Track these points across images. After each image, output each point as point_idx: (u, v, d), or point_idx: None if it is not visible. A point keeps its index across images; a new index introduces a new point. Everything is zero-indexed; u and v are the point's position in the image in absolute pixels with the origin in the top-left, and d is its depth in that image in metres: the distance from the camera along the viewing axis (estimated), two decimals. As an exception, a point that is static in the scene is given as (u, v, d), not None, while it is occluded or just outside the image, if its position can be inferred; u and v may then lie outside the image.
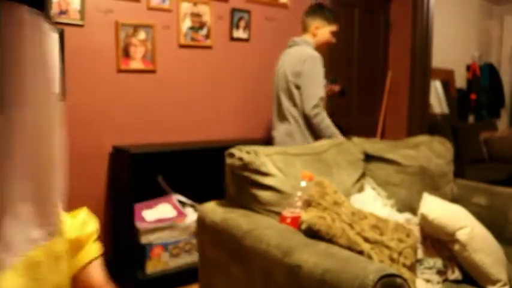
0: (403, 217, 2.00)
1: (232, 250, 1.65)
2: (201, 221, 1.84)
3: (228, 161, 1.78)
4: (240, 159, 1.74)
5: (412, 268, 1.66)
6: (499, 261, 1.79)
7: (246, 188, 1.76)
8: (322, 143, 1.97)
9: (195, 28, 3.02)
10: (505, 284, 1.72)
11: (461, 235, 1.75)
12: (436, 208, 1.82)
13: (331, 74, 3.68)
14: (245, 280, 1.59)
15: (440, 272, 1.78)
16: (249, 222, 1.62)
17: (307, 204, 1.63)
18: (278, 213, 1.71)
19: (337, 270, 1.22)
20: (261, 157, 1.75)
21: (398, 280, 1.18)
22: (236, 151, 1.77)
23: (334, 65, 3.81)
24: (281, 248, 1.40)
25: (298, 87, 2.59)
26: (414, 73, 4.13)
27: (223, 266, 1.71)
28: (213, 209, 1.81)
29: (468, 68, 5.96)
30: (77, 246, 0.86)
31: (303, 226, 1.50)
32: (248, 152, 1.75)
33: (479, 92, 5.95)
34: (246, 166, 1.73)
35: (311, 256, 1.31)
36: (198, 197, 2.84)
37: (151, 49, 2.84)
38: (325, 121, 2.54)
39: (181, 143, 2.97)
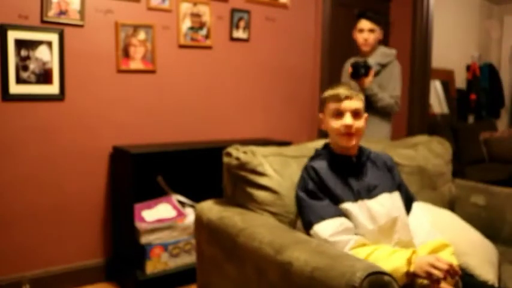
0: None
1: (227, 248, 1.66)
2: (198, 219, 1.85)
3: (225, 160, 1.79)
4: (237, 158, 1.75)
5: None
6: (487, 262, 1.80)
7: (242, 187, 1.77)
8: (320, 144, 1.97)
9: (195, 28, 3.02)
10: (493, 284, 1.73)
11: None
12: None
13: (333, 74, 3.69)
14: (239, 277, 1.60)
15: None
16: (244, 221, 1.63)
17: None
18: (273, 213, 1.72)
19: (326, 268, 1.23)
20: (257, 157, 1.76)
21: (386, 278, 1.18)
22: (233, 151, 1.78)
23: (335, 65, 3.81)
24: (273, 246, 1.41)
25: None
26: (414, 73, 4.13)
27: (219, 263, 1.72)
28: (209, 207, 1.82)
29: (468, 68, 5.96)
30: None
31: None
32: (245, 152, 1.76)
33: (479, 92, 5.95)
34: (242, 166, 1.74)
35: (302, 253, 1.32)
36: (197, 197, 2.85)
37: (151, 49, 2.84)
38: None
39: (181, 143, 2.97)
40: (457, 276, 1.41)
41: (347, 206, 1.59)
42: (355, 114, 1.63)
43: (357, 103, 1.64)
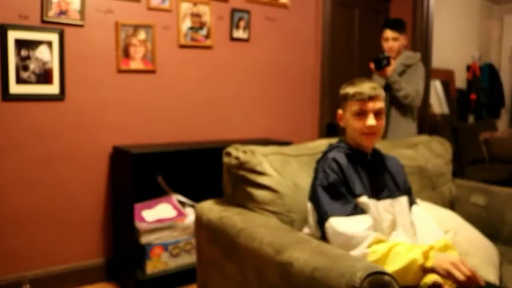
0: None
1: (227, 248, 1.66)
2: (198, 219, 1.85)
3: (225, 159, 1.79)
4: (237, 158, 1.75)
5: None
6: (487, 262, 1.80)
7: (242, 186, 1.77)
8: (320, 143, 1.97)
9: (195, 28, 3.02)
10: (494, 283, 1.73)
11: None
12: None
13: (333, 73, 3.69)
14: (239, 277, 1.59)
15: None
16: (244, 221, 1.63)
17: None
18: (273, 212, 1.71)
19: (326, 268, 1.23)
20: (257, 156, 1.76)
21: (386, 278, 1.17)
22: (233, 150, 1.78)
23: (335, 65, 3.81)
24: (273, 246, 1.41)
25: None
26: (414, 73, 4.13)
27: (219, 263, 1.72)
28: (209, 207, 1.82)
29: (468, 68, 5.96)
30: None
31: None
32: (245, 152, 1.76)
33: (479, 92, 5.95)
34: (242, 165, 1.74)
35: (302, 254, 1.32)
36: (198, 197, 2.85)
37: (151, 49, 2.84)
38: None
39: (181, 143, 2.97)
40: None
41: (364, 199, 1.57)
42: (377, 113, 1.63)
43: (380, 103, 1.64)
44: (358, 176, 1.62)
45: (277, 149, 1.89)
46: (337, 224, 1.49)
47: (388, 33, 3.04)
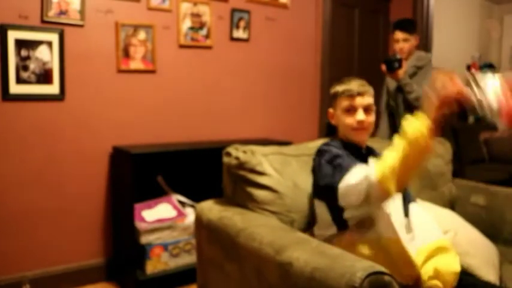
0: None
1: (227, 248, 1.65)
2: (198, 219, 1.85)
3: (225, 159, 1.79)
4: (236, 158, 1.75)
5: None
6: (487, 262, 1.79)
7: (242, 186, 1.76)
8: (319, 143, 1.97)
9: (195, 28, 3.02)
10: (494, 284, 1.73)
11: None
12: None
13: (333, 72, 3.69)
14: (239, 277, 1.59)
15: None
16: (244, 221, 1.63)
17: None
18: (273, 212, 1.72)
19: (326, 268, 1.22)
20: (257, 156, 1.76)
21: (386, 278, 1.17)
22: (233, 150, 1.78)
23: (335, 65, 3.81)
24: (273, 246, 1.41)
25: None
26: (414, 73, 4.13)
27: (219, 263, 1.71)
28: (209, 207, 1.82)
29: (468, 68, 5.95)
30: None
31: None
32: (244, 152, 1.76)
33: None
34: (242, 165, 1.74)
35: (302, 254, 1.32)
36: (197, 197, 2.85)
37: (151, 49, 2.84)
38: None
39: (181, 143, 2.98)
40: None
41: None
42: (366, 109, 1.67)
43: (369, 99, 1.68)
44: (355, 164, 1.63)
45: (277, 149, 1.89)
46: (342, 184, 1.47)
47: (398, 35, 3.02)
